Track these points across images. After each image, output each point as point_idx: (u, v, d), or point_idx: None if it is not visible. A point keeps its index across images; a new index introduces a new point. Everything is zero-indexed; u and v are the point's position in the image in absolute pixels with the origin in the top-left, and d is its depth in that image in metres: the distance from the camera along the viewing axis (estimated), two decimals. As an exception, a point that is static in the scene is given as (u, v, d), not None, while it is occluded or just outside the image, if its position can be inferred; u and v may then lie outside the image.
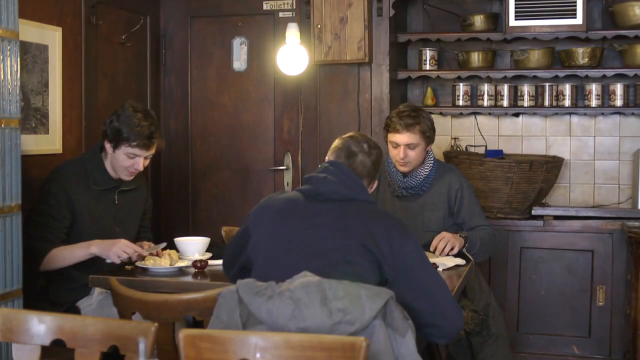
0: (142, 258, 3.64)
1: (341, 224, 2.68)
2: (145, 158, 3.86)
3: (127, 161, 3.82)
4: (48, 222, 3.71)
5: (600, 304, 4.90)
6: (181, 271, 3.56)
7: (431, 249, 3.80)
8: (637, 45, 5.07)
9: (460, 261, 3.70)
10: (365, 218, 2.70)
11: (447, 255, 3.80)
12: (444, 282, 2.82)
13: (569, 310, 4.99)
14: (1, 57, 3.23)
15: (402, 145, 4.00)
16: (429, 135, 4.05)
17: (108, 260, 3.63)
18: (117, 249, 3.59)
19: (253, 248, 2.79)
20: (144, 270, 3.55)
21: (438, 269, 3.49)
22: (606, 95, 5.21)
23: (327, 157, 2.94)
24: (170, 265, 3.58)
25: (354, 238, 2.64)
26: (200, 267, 3.54)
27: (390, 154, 4.09)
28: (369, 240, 2.64)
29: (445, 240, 3.82)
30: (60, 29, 4.47)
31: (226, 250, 3.09)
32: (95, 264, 3.68)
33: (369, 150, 2.90)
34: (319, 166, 2.88)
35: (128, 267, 3.63)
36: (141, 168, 3.86)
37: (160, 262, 3.57)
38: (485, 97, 5.35)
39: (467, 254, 3.86)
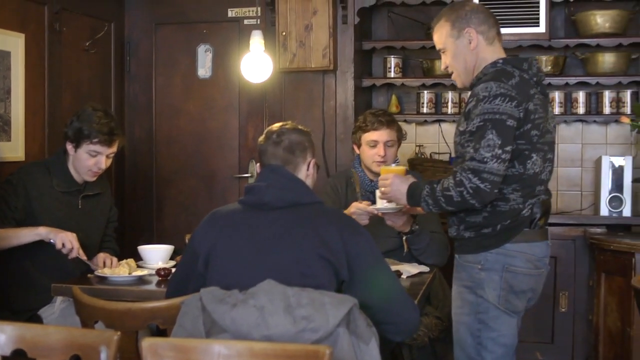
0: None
1: (292, 234, 2.62)
2: (108, 157, 3.85)
3: (89, 160, 3.80)
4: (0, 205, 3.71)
5: (563, 310, 4.94)
6: (145, 280, 3.54)
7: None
8: (599, 53, 5.13)
9: (424, 268, 3.71)
10: (316, 223, 2.64)
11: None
12: (398, 280, 2.82)
13: (532, 316, 4.99)
14: (-38, 63, 3.20)
15: (381, 143, 4.01)
16: (399, 138, 4.11)
17: (54, 241, 3.58)
18: (65, 235, 3.57)
19: (205, 263, 2.68)
20: (105, 279, 3.53)
21: (402, 276, 3.50)
22: (569, 103, 5.27)
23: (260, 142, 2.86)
24: (129, 274, 3.56)
25: (307, 249, 2.59)
26: (164, 275, 3.52)
27: (366, 155, 4.05)
28: (323, 248, 2.59)
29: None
30: (23, 35, 4.44)
31: (170, 283, 2.94)
32: (54, 264, 3.67)
33: (278, 138, 2.83)
34: (256, 172, 2.79)
35: (90, 276, 3.61)
36: (104, 167, 3.85)
37: (119, 271, 3.55)
38: (450, 104, 5.39)
39: (405, 244, 3.81)
